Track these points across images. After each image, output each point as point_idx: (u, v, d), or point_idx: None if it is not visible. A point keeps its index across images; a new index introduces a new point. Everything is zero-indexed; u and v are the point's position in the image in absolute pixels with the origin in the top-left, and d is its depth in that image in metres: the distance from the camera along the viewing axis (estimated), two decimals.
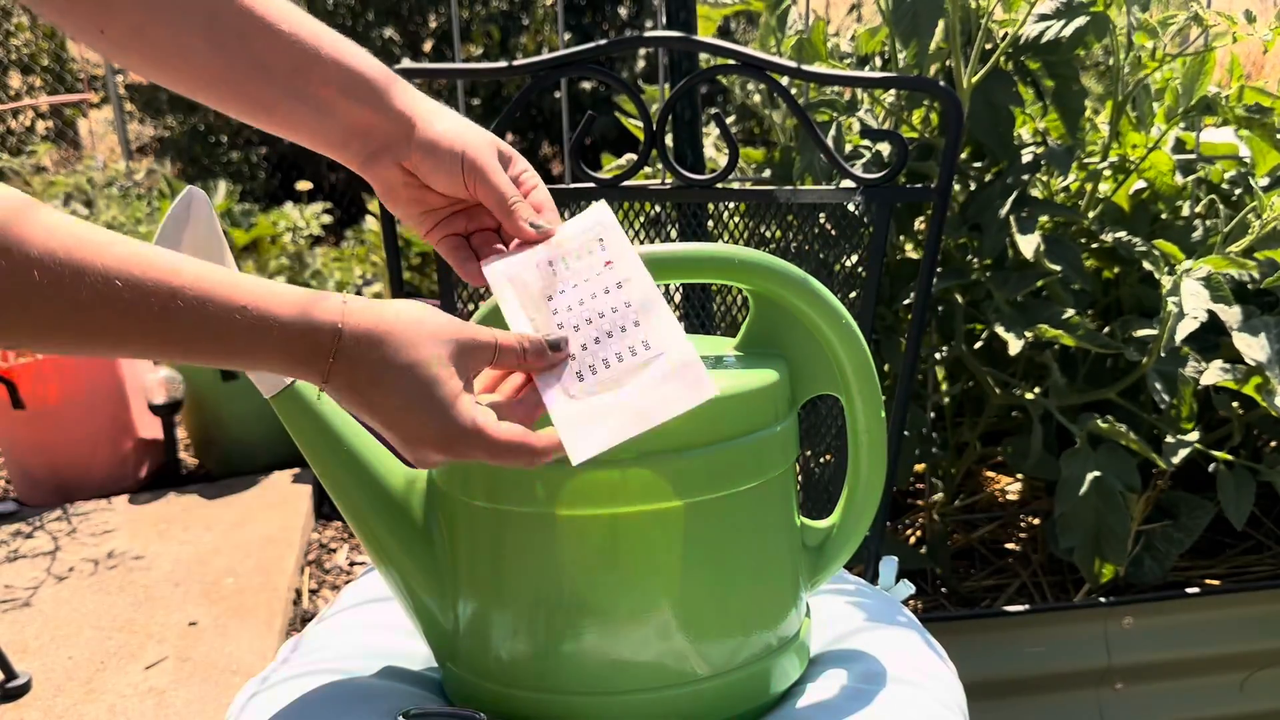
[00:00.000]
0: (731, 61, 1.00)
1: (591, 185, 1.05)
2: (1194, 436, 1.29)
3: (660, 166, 1.31)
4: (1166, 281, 1.23)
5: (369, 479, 0.69)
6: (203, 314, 0.52)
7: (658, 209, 1.16)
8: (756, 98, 1.69)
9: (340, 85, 0.66)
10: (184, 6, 0.63)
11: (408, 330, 0.57)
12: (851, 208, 1.02)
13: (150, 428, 2.47)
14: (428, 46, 4.48)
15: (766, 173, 1.50)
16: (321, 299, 0.56)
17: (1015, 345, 1.25)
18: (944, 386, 1.55)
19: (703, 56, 1.41)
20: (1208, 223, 1.42)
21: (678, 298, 1.17)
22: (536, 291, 0.65)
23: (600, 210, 0.67)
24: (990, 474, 1.80)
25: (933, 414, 1.54)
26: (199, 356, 0.53)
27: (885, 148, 1.32)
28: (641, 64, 4.38)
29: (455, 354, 0.58)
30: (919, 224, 1.47)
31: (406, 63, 0.95)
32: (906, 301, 1.41)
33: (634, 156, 1.42)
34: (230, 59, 0.64)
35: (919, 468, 1.58)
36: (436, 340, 0.58)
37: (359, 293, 3.15)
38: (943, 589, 1.58)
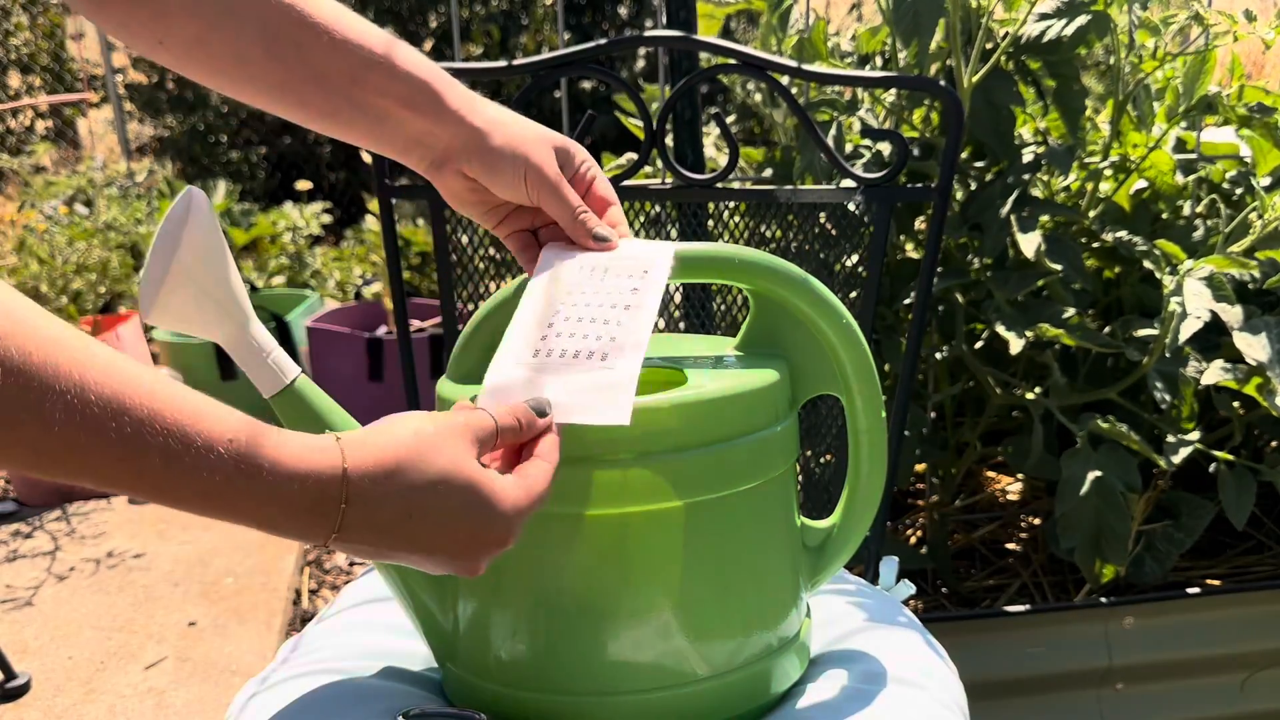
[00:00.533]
0: (732, 61, 1.00)
1: None
2: (1195, 436, 1.29)
3: (660, 166, 1.31)
4: (1168, 281, 1.23)
5: None
6: (182, 444, 0.45)
7: (658, 209, 1.16)
8: (757, 97, 1.69)
9: (397, 95, 0.66)
10: (240, 16, 0.63)
11: (419, 444, 0.52)
12: (852, 207, 1.02)
13: None
14: (428, 46, 4.48)
15: (767, 172, 1.50)
16: (313, 439, 0.50)
17: (1016, 345, 1.25)
18: (944, 386, 1.55)
19: (703, 56, 1.41)
20: (1209, 222, 1.42)
21: (678, 298, 1.17)
22: (564, 287, 0.66)
23: (666, 252, 0.68)
24: (990, 474, 1.80)
25: (933, 414, 1.54)
26: (178, 499, 0.46)
27: (886, 147, 1.32)
28: (641, 64, 4.38)
29: (473, 446, 0.54)
30: (919, 224, 1.47)
31: None
32: (907, 301, 1.41)
33: (634, 156, 1.42)
34: (289, 69, 0.65)
35: (919, 468, 1.58)
36: (451, 440, 0.53)
37: (358, 293, 3.14)
38: (943, 589, 1.57)
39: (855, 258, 1.04)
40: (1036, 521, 1.67)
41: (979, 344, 1.52)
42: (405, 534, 0.52)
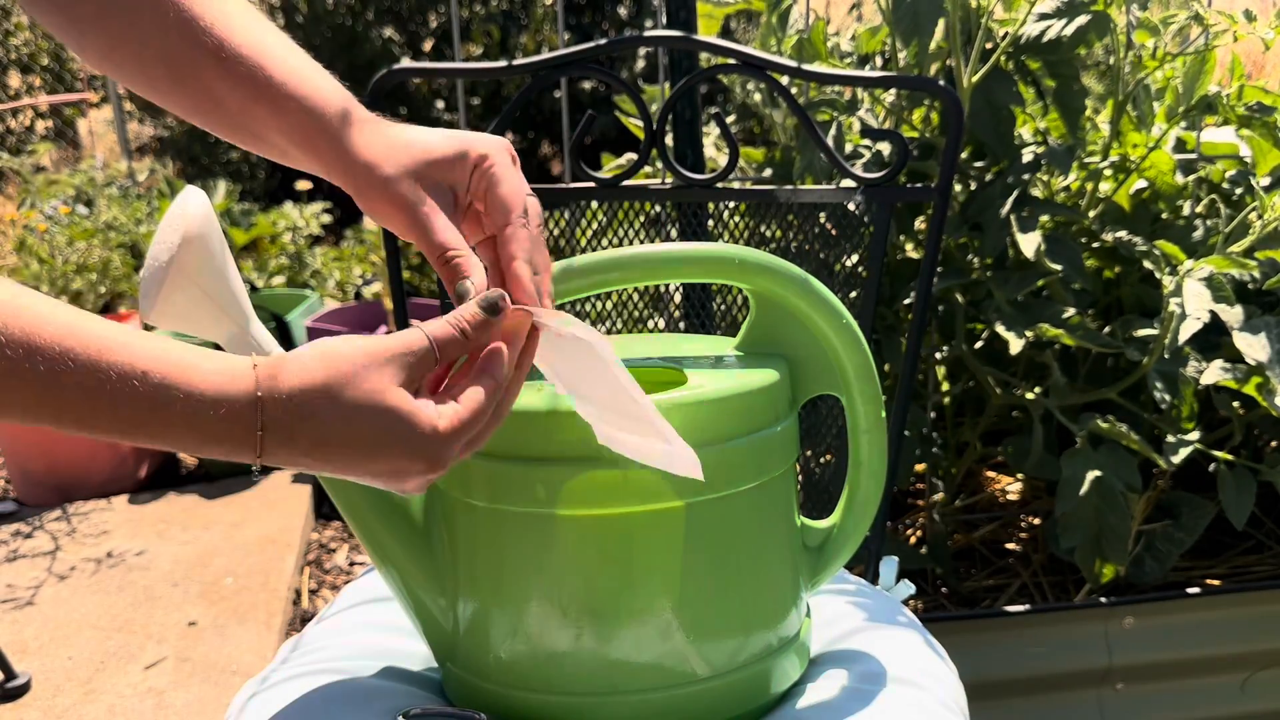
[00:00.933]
0: (732, 61, 1.00)
1: (591, 185, 1.05)
2: (1195, 436, 1.29)
3: (660, 166, 1.31)
4: (1168, 282, 1.23)
5: None
6: (96, 379, 0.46)
7: (658, 209, 1.16)
8: (757, 97, 1.69)
9: (282, 130, 0.62)
10: (142, 35, 0.60)
11: (337, 372, 0.51)
12: (852, 207, 1.02)
13: None
14: (428, 46, 4.48)
15: (767, 172, 1.50)
16: (229, 364, 0.49)
17: (1016, 345, 1.25)
18: (944, 386, 1.55)
19: (703, 56, 1.41)
20: (1208, 222, 1.42)
21: (678, 297, 1.17)
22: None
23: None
24: (990, 474, 1.80)
25: (933, 414, 1.54)
26: (98, 429, 0.47)
27: (885, 147, 1.32)
28: (641, 64, 4.38)
29: (399, 372, 0.52)
30: (919, 224, 1.47)
31: (406, 62, 0.95)
32: (907, 301, 1.41)
33: (634, 156, 1.42)
34: (191, 92, 0.62)
35: (919, 468, 1.58)
36: (373, 367, 0.52)
37: (358, 294, 3.14)
38: (943, 589, 1.57)
39: (855, 258, 1.04)
40: (1036, 521, 1.67)
41: (979, 344, 1.52)
42: (324, 458, 0.51)
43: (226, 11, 0.62)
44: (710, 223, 1.10)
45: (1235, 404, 1.37)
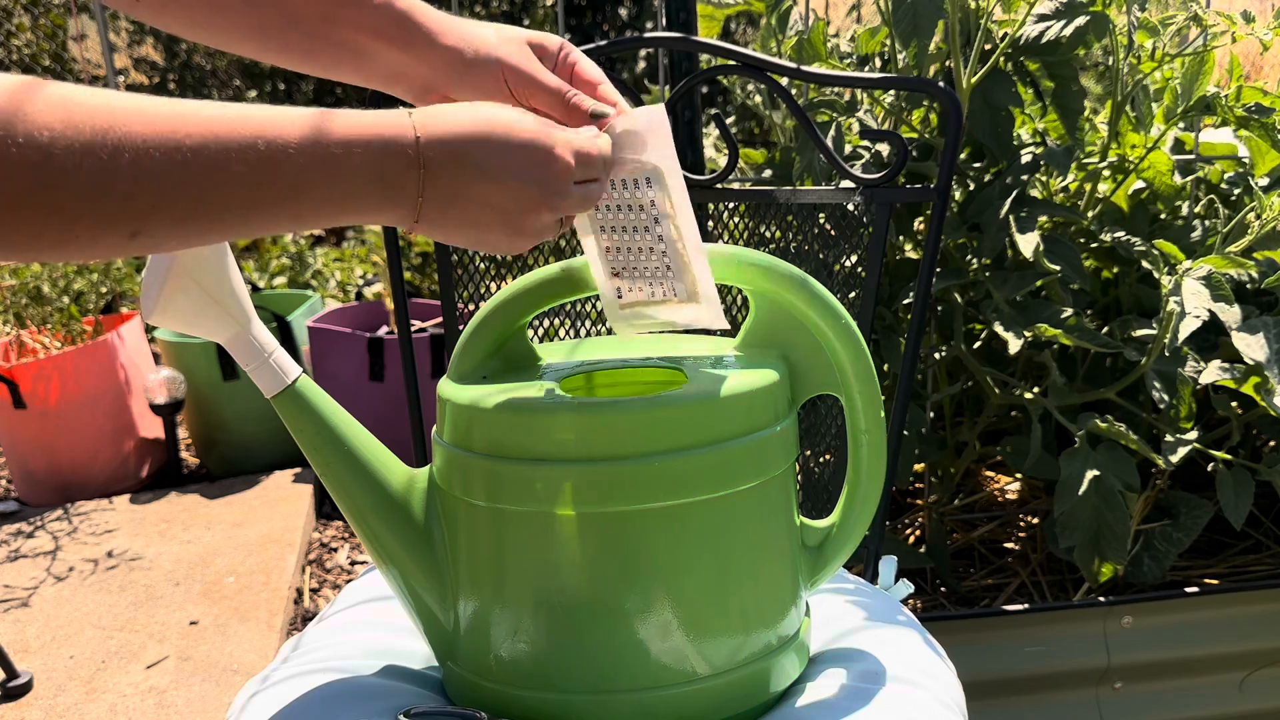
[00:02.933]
0: (731, 62, 1.01)
1: None
2: (1193, 436, 1.30)
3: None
4: (1167, 281, 1.23)
5: (370, 478, 0.69)
6: (267, 166, 0.51)
7: None
8: (757, 98, 1.69)
9: (371, 28, 0.67)
10: None
11: (487, 107, 0.59)
12: (851, 208, 1.02)
13: (151, 427, 2.48)
14: None
15: (766, 173, 1.50)
16: (382, 116, 0.55)
17: (1014, 345, 1.25)
18: (943, 386, 1.55)
19: (703, 57, 1.41)
20: (1207, 223, 1.42)
21: None
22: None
23: (657, 124, 0.67)
24: (990, 473, 1.80)
25: (932, 414, 1.55)
26: (266, 219, 0.52)
27: (885, 148, 1.32)
28: (642, 65, 4.38)
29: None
30: (919, 224, 1.47)
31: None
32: (906, 301, 1.42)
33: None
34: (263, 13, 0.65)
35: (918, 467, 1.58)
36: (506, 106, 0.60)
37: (359, 294, 3.15)
38: (942, 588, 1.58)
39: (855, 258, 1.04)
40: (1035, 521, 1.68)
41: (978, 344, 1.52)
42: (474, 161, 0.57)
43: None
44: (710, 223, 1.10)
45: (1233, 404, 1.38)
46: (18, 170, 0.44)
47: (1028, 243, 1.26)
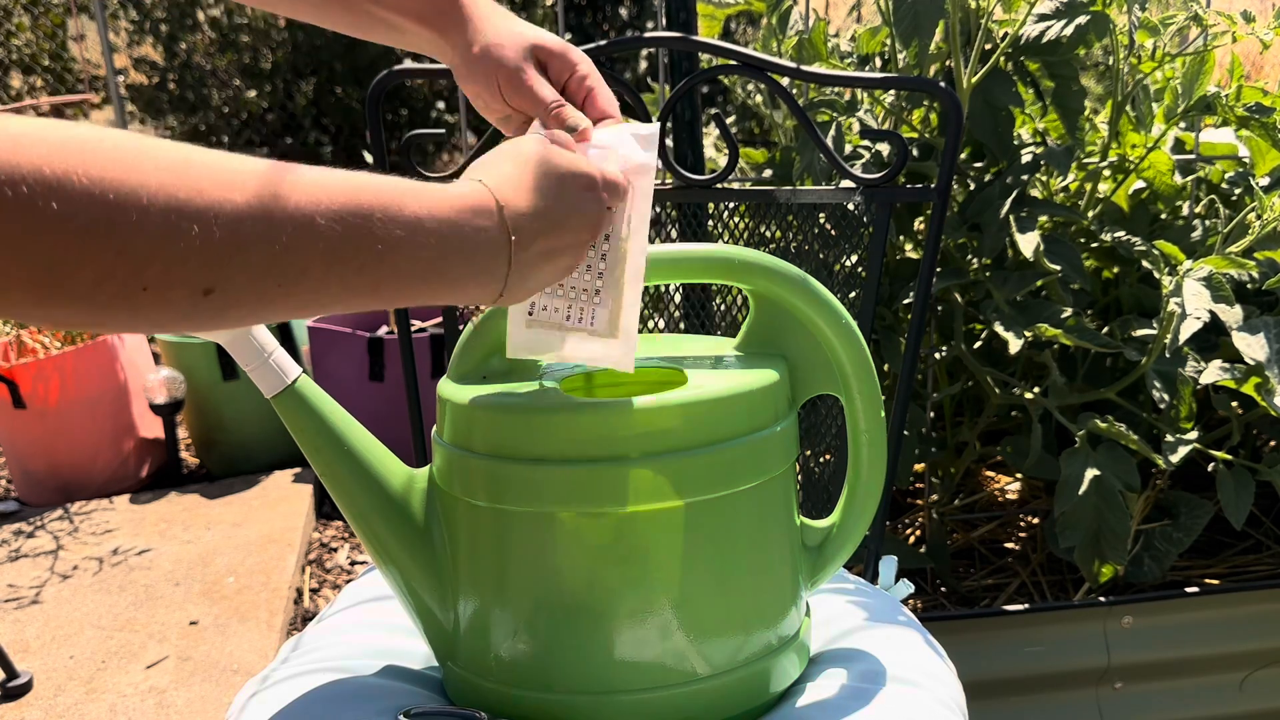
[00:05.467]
0: (732, 62, 1.01)
1: None
2: (1193, 436, 1.30)
3: (660, 167, 1.31)
4: (1167, 282, 1.23)
5: (370, 478, 0.69)
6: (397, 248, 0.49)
7: (658, 209, 1.17)
8: (758, 98, 1.69)
9: (410, 12, 0.69)
10: None
11: (512, 148, 0.60)
12: (851, 208, 1.02)
13: (151, 427, 2.48)
14: None
15: (766, 173, 1.50)
16: (472, 191, 0.55)
17: (1015, 345, 1.25)
18: (943, 386, 1.55)
19: (703, 57, 1.41)
20: (1207, 223, 1.42)
21: (678, 298, 1.17)
22: None
23: (640, 148, 0.67)
24: (990, 473, 1.80)
25: (932, 414, 1.54)
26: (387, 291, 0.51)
27: (885, 148, 1.32)
28: (643, 64, 4.38)
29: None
30: (919, 224, 1.47)
31: (408, 63, 0.95)
32: (906, 301, 1.42)
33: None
34: None
35: (919, 467, 1.58)
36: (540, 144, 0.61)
37: None
38: (942, 588, 1.58)
39: (855, 258, 1.04)
40: (1035, 521, 1.68)
41: (978, 344, 1.52)
42: (548, 217, 0.57)
43: None
44: (710, 223, 1.10)
45: (1234, 404, 1.38)
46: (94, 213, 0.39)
47: (1028, 243, 1.26)
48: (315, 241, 0.46)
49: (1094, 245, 1.47)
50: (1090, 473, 1.29)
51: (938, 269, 1.37)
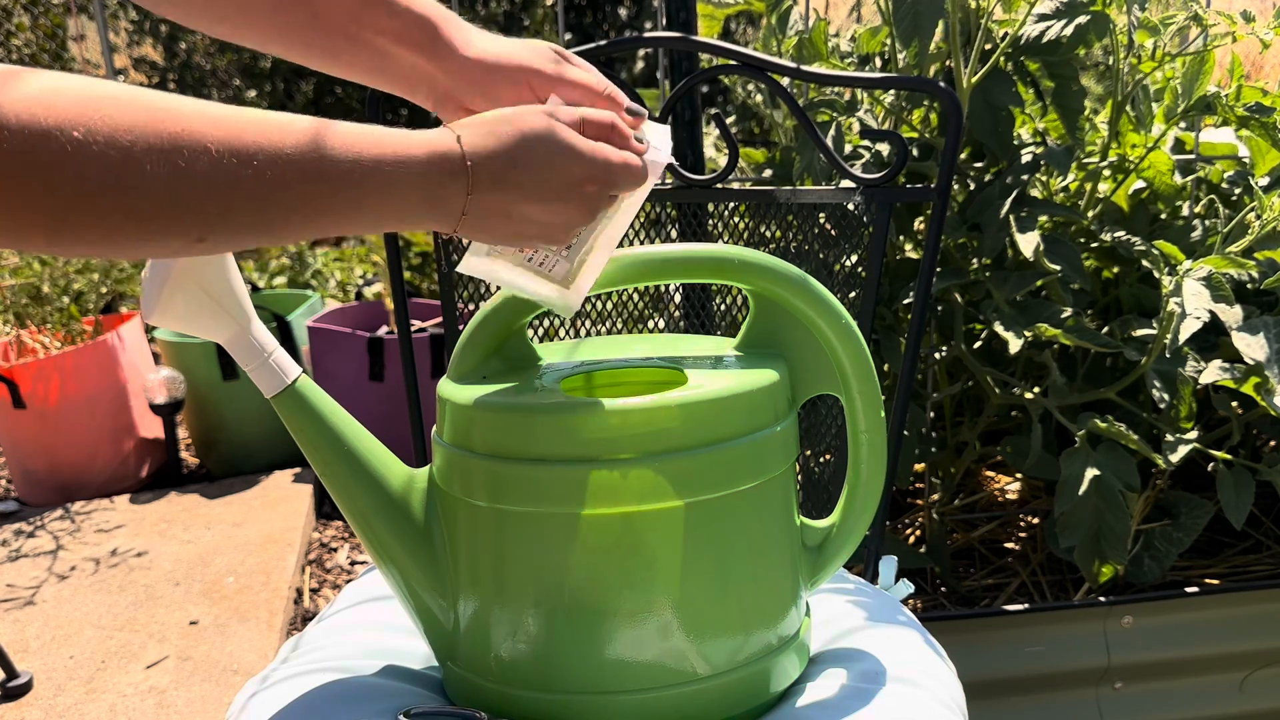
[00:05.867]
0: (731, 62, 1.01)
1: None
2: (1193, 436, 1.30)
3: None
4: (1167, 281, 1.23)
5: (370, 478, 0.69)
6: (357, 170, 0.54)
7: (658, 209, 1.17)
8: (758, 98, 1.69)
9: (394, 33, 0.68)
10: None
11: (511, 111, 0.61)
12: (851, 208, 1.02)
13: (151, 427, 2.48)
14: None
15: (766, 173, 1.50)
16: (429, 135, 0.58)
17: (1015, 345, 1.25)
18: (944, 386, 1.55)
19: (703, 56, 1.41)
20: (1207, 223, 1.42)
21: (678, 298, 1.17)
22: None
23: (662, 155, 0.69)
24: (990, 473, 1.80)
25: (932, 414, 1.54)
26: (318, 229, 0.55)
27: (885, 148, 1.32)
28: (641, 64, 4.38)
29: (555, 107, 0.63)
30: (919, 224, 1.47)
31: None
32: (906, 301, 1.42)
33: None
34: (287, 12, 0.66)
35: (919, 467, 1.58)
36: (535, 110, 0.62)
37: (359, 294, 3.15)
38: (942, 588, 1.58)
39: (855, 258, 1.04)
40: (1035, 521, 1.68)
41: (978, 344, 1.52)
42: (516, 182, 0.59)
43: None
44: (710, 223, 1.10)
45: (1234, 403, 1.38)
46: (97, 167, 0.46)
47: (1028, 243, 1.26)
48: (291, 200, 0.52)
49: (1094, 245, 1.47)
50: (1090, 473, 1.29)
51: (938, 269, 1.37)
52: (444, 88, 0.70)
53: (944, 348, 1.51)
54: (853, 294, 1.05)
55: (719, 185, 1.05)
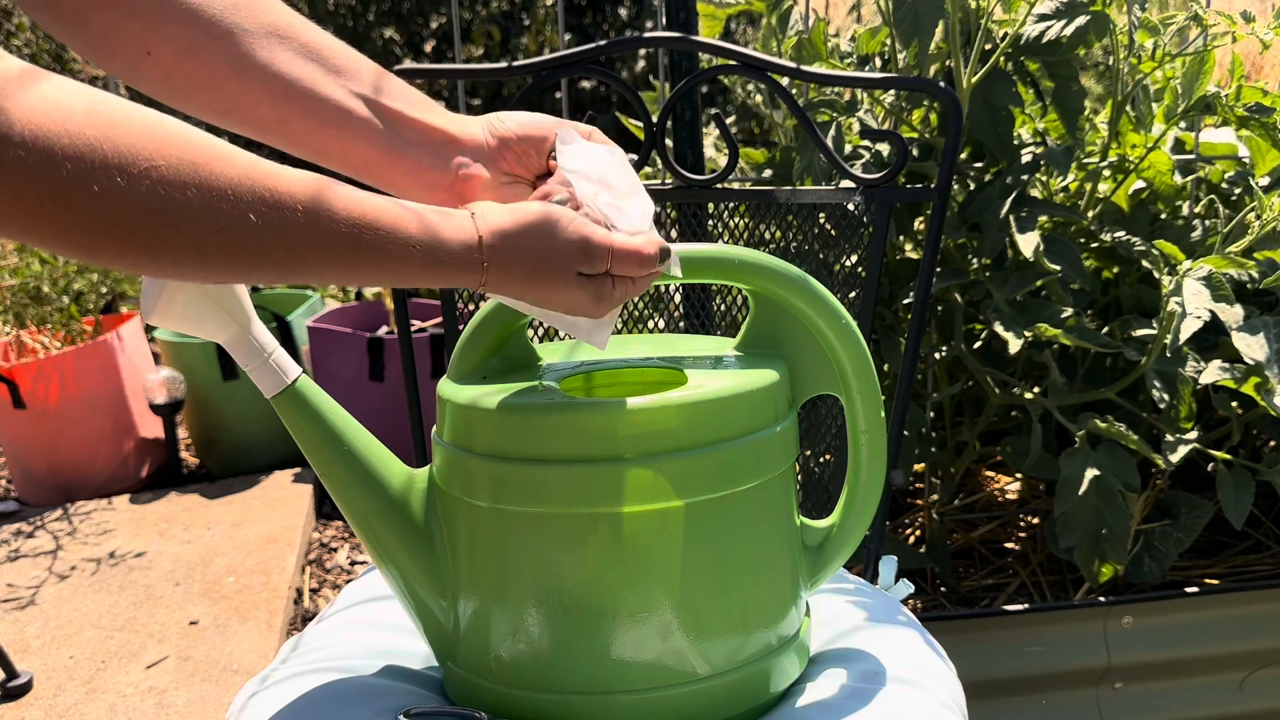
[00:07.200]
0: (732, 62, 1.01)
1: None
2: (1193, 436, 1.30)
3: (660, 167, 1.31)
4: (1167, 281, 1.23)
5: (370, 478, 0.69)
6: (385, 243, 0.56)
7: (658, 209, 1.16)
8: (758, 98, 1.69)
9: (358, 164, 0.69)
10: (243, 22, 0.63)
11: (533, 214, 0.62)
12: (851, 208, 1.02)
13: (151, 427, 2.47)
14: (429, 47, 4.48)
15: (766, 173, 1.50)
16: (459, 220, 0.60)
17: (1015, 345, 1.25)
18: (943, 386, 1.55)
19: (703, 57, 1.41)
20: (1207, 223, 1.42)
21: (678, 298, 1.17)
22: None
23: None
24: (990, 473, 1.80)
25: (932, 414, 1.54)
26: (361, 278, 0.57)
27: (885, 148, 1.32)
28: (641, 64, 4.38)
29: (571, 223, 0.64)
30: (919, 224, 1.47)
31: (408, 63, 0.95)
32: (906, 301, 1.42)
33: (634, 156, 1.42)
34: (286, 89, 0.66)
35: (919, 467, 1.58)
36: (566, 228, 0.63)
37: (359, 294, 3.15)
38: (942, 588, 1.58)
39: (855, 258, 1.04)
40: (1035, 521, 1.68)
41: (978, 344, 1.52)
42: (524, 277, 0.62)
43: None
44: (710, 223, 1.10)
45: (1234, 403, 1.38)
46: (133, 211, 0.47)
47: (1028, 243, 1.26)
48: (324, 261, 0.55)
49: (1094, 245, 1.47)
50: (1090, 473, 1.29)
51: (938, 269, 1.37)
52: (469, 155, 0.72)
53: (944, 348, 1.51)
54: (853, 294, 1.05)
55: (719, 185, 1.05)
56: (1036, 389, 1.42)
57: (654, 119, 1.03)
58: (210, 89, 0.63)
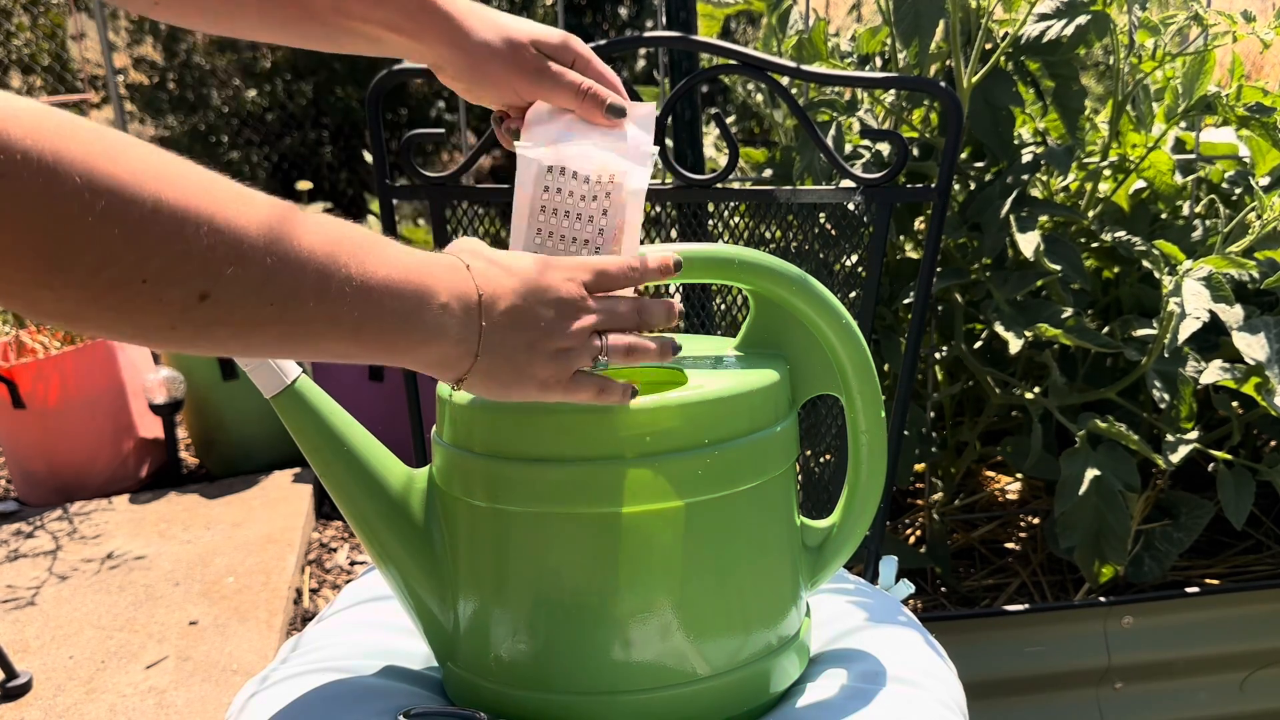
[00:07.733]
0: (732, 61, 1.01)
1: None
2: (1193, 436, 1.30)
3: (660, 166, 1.31)
4: (1167, 281, 1.23)
5: (370, 478, 0.69)
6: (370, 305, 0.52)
7: (658, 209, 1.16)
8: (758, 98, 1.69)
9: (380, 21, 0.70)
10: None
11: (527, 272, 0.60)
12: (851, 208, 1.02)
13: (151, 427, 2.47)
14: None
15: (767, 173, 1.50)
16: (456, 278, 0.56)
17: (1015, 345, 1.25)
18: (944, 386, 1.55)
19: (703, 56, 1.41)
20: (1207, 222, 1.42)
21: (678, 298, 1.17)
22: (540, 200, 0.70)
23: (636, 164, 0.70)
24: (990, 473, 1.80)
25: (933, 414, 1.54)
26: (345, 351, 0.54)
27: (885, 148, 1.32)
28: (642, 63, 4.38)
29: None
30: (919, 224, 1.47)
31: (406, 63, 0.95)
32: (906, 301, 1.42)
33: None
34: (278, 9, 0.68)
35: (919, 467, 1.58)
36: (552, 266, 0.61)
37: None
38: (942, 588, 1.58)
39: (855, 258, 1.04)
40: (1036, 521, 1.68)
41: (978, 344, 1.52)
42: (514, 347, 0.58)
43: None
44: (710, 223, 1.10)
45: (1234, 404, 1.38)
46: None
47: (1028, 242, 1.26)
48: (306, 269, 0.49)
49: (1094, 245, 1.47)
50: (1090, 473, 1.29)
51: (938, 269, 1.37)
52: (436, 62, 0.72)
53: (944, 348, 1.51)
54: (853, 294, 1.05)
55: (719, 185, 1.05)
56: (1037, 389, 1.42)
57: None
58: (219, 14, 0.68)
